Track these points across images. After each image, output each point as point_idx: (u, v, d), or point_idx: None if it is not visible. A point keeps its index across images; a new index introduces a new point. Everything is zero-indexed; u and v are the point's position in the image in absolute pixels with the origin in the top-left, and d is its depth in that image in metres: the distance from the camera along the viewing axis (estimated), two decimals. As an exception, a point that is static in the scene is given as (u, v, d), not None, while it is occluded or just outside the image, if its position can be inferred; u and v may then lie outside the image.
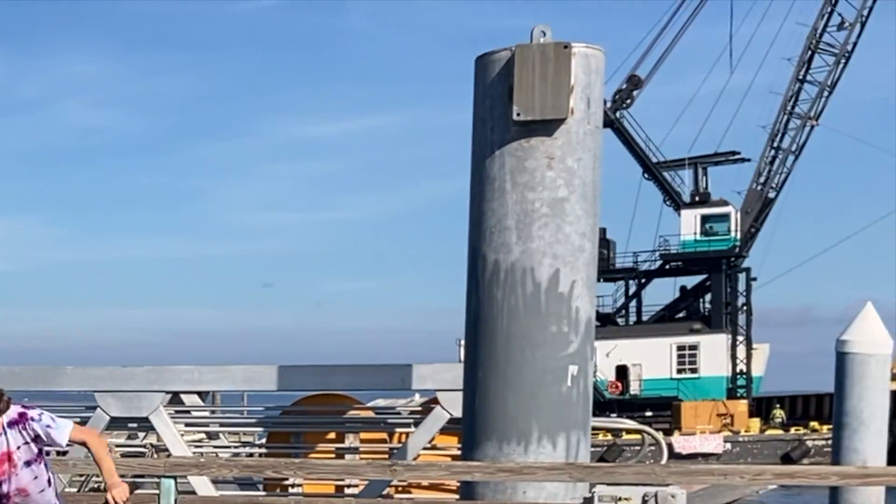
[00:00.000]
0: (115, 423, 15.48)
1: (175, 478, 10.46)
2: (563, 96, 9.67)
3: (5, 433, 7.02)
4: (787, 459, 59.03)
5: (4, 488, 7.06)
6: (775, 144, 78.78)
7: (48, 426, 7.17)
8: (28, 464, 7.11)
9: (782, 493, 35.23)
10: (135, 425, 16.49)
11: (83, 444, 7.71)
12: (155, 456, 16.49)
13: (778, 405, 78.97)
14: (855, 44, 79.31)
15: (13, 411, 7.09)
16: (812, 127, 78.81)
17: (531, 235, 9.87)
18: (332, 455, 15.68)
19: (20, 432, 7.07)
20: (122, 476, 15.73)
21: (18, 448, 7.04)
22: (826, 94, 79.10)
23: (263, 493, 15.01)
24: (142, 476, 15.13)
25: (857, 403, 12.51)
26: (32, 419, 7.10)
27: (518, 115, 9.74)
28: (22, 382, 16.27)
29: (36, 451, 7.18)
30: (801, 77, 78.90)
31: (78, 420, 16.09)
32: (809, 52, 78.69)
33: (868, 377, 12.55)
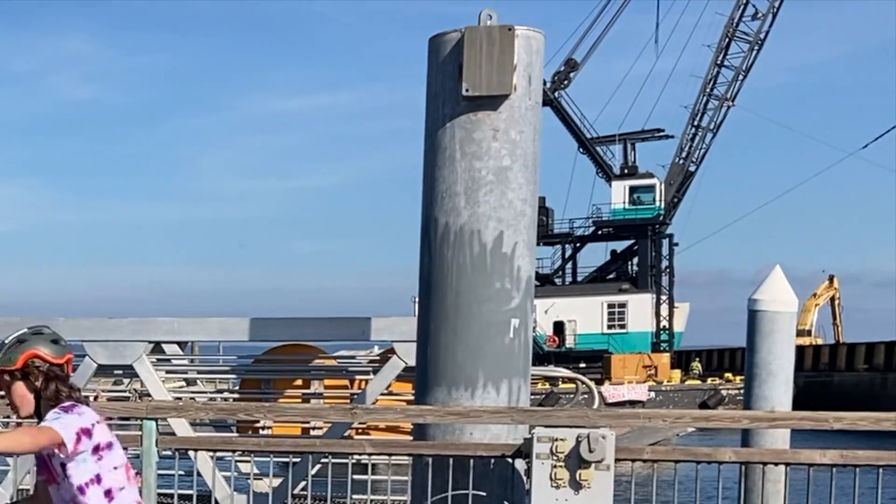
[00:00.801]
0: (102, 370, 15.47)
1: (156, 420, 10.42)
2: (507, 74, 9.67)
3: None
4: (704, 406, 59.95)
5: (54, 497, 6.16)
6: (695, 123, 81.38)
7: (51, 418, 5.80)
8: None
9: (699, 436, 35.50)
10: (120, 372, 16.51)
11: None
12: (138, 400, 16.55)
13: (696, 358, 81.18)
14: (767, 32, 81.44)
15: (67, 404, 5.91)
16: (728, 107, 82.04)
17: (478, 200, 9.87)
18: (299, 400, 15.74)
19: None
20: (109, 418, 15.87)
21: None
22: (741, 77, 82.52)
23: (236, 434, 15.05)
24: (126, 418, 15.15)
25: (767, 356, 12.64)
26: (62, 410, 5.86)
27: (467, 90, 9.72)
28: (13, 331, 16.30)
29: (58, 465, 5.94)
30: (719, 62, 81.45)
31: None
32: (727, 40, 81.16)
33: (776, 332, 12.68)
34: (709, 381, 74.32)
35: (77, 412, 5.79)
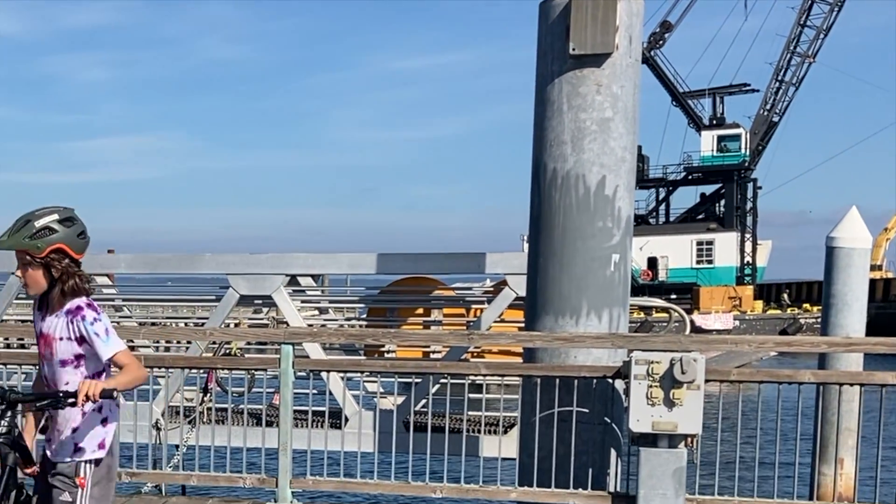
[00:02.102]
0: (244, 301, 15.64)
1: (293, 344, 10.56)
2: (610, 34, 9.79)
3: (59, 318, 5.78)
4: (783, 334, 59.22)
5: (45, 370, 5.93)
6: (779, 78, 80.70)
7: (96, 334, 5.68)
8: (63, 363, 5.80)
9: (779, 360, 35.17)
10: (260, 302, 16.81)
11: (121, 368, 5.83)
12: (276, 327, 16.95)
13: (786, 290, 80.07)
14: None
15: (79, 301, 5.80)
16: (810, 64, 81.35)
17: (583, 148, 10.03)
18: (421, 327, 15.95)
19: (68, 325, 5.74)
20: (248, 344, 16.22)
21: (60, 339, 5.76)
22: (822, 36, 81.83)
23: (364, 357, 15.36)
24: (265, 343, 15.50)
25: (843, 288, 12.64)
26: (83, 318, 5.72)
27: (573, 49, 9.86)
28: (169, 267, 16.68)
29: (73, 354, 5.79)
30: (802, 22, 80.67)
31: (212, 298, 16.59)
32: (809, 2, 79.98)
33: (851, 267, 12.67)
34: (788, 311, 73.94)
35: (104, 313, 5.86)
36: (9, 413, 5.62)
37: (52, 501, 5.81)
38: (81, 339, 5.69)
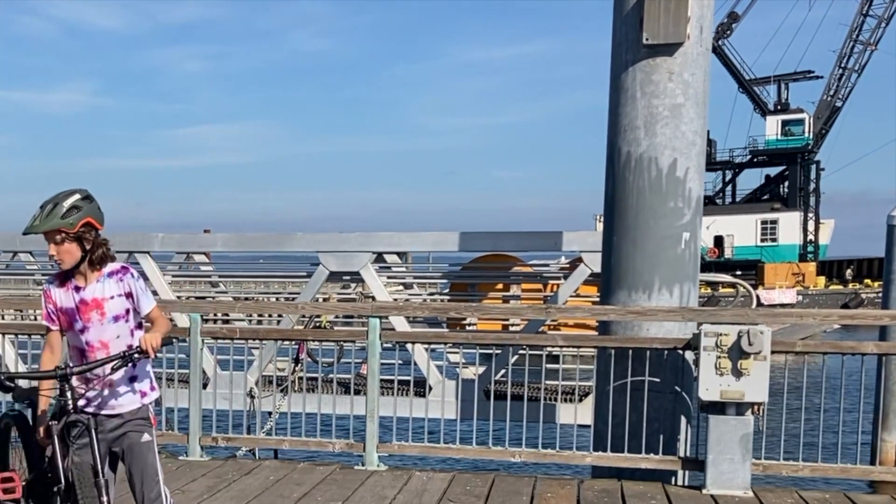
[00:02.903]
0: (333, 277, 15.75)
1: (380, 317, 10.58)
2: (681, 25, 9.83)
3: (103, 282, 5.95)
4: (845, 308, 58.57)
5: (88, 336, 5.98)
6: (842, 65, 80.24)
7: (141, 289, 5.99)
8: (116, 319, 5.96)
9: (840, 333, 34.80)
10: (348, 278, 16.90)
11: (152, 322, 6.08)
12: (364, 301, 17.09)
13: (850, 266, 79.38)
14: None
15: (117, 265, 6.05)
16: (872, 51, 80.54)
17: (655, 132, 10.08)
18: (500, 301, 16.05)
19: (117, 283, 5.96)
20: (337, 317, 16.37)
21: (112, 298, 5.94)
22: (884, 25, 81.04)
23: (447, 329, 15.45)
24: (353, 316, 15.68)
25: None
26: (132, 275, 6.01)
27: (647, 39, 9.91)
28: (262, 245, 16.92)
29: (125, 309, 5.98)
30: (864, 12, 79.95)
31: (303, 274, 16.76)
32: None
33: (912, 244, 12.60)
34: (850, 286, 73.39)
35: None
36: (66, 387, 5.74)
37: (133, 446, 5.96)
38: (129, 295, 5.95)
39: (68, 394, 5.71)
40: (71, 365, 5.86)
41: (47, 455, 5.73)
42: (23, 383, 6.13)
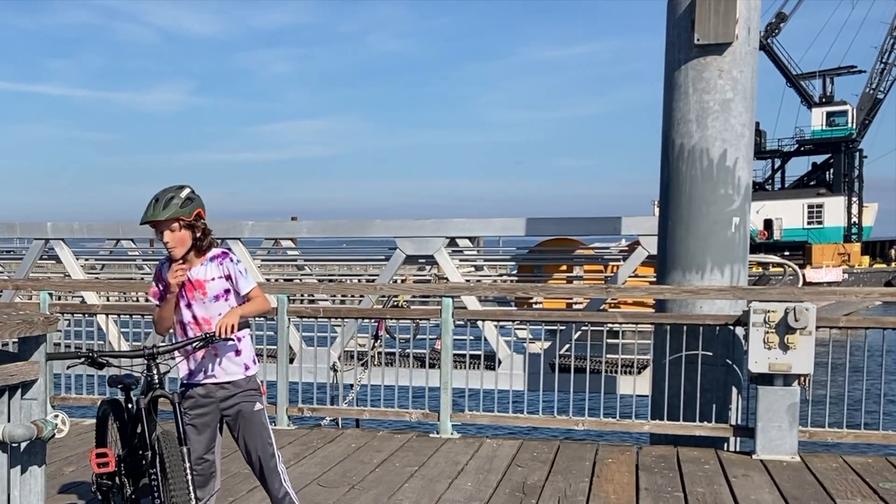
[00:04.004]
0: (409, 260, 15.90)
1: (452, 297, 10.65)
2: (730, 26, 9.84)
3: (206, 265, 6.06)
4: (888, 286, 57.89)
5: (192, 314, 6.11)
6: (884, 60, 79.95)
7: (240, 272, 6.10)
8: (216, 298, 6.06)
9: (884, 309, 34.35)
10: (423, 261, 17.05)
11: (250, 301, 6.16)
12: (438, 282, 17.21)
13: (893, 247, 78.84)
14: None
15: (219, 250, 6.18)
16: None
17: (707, 125, 10.10)
18: (564, 281, 16.10)
19: (217, 266, 6.07)
20: (413, 297, 16.49)
21: (213, 280, 6.06)
22: None
23: (515, 308, 15.53)
24: (428, 296, 15.77)
25: None
26: (231, 259, 6.12)
27: (698, 39, 9.94)
28: (344, 231, 17.08)
29: (224, 289, 6.10)
30: None
31: (382, 257, 16.92)
32: None
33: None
34: (893, 264, 72.74)
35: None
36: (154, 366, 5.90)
37: (246, 415, 6.08)
38: (228, 277, 6.08)
39: (154, 371, 5.84)
40: (159, 345, 5.99)
41: (138, 431, 5.85)
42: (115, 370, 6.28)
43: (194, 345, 5.93)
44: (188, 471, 5.50)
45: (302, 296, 16.77)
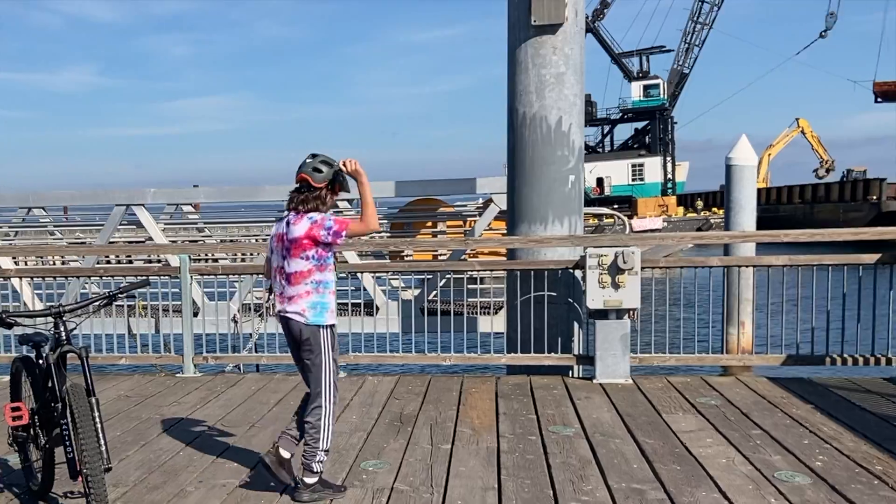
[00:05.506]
0: None
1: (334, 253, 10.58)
2: (561, 9, 9.81)
3: (297, 223, 5.67)
4: (699, 230, 59.83)
5: (288, 267, 5.72)
6: (687, 41, 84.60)
7: (329, 227, 5.62)
8: (305, 258, 5.65)
9: (695, 251, 35.24)
10: None
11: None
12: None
13: (699, 199, 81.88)
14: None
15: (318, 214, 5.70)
16: (709, 30, 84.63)
17: (545, 96, 10.06)
18: (430, 236, 16.08)
19: (308, 224, 5.63)
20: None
21: (300, 237, 5.64)
22: (716, 9, 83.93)
23: (389, 260, 15.44)
24: None
25: (738, 195, 12.73)
26: (317, 220, 5.66)
27: (535, 21, 9.90)
28: (239, 196, 16.61)
29: (314, 249, 5.66)
30: None
31: (273, 218, 16.59)
32: None
33: (743, 180, 12.74)
34: (702, 213, 75.17)
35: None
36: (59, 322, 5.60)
37: (306, 351, 5.84)
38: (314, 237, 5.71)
39: (61, 328, 5.56)
40: (64, 304, 5.72)
41: (49, 386, 5.62)
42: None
43: (98, 303, 5.69)
44: (97, 420, 5.25)
45: (207, 256, 16.42)
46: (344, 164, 5.73)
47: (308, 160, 5.77)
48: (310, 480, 5.84)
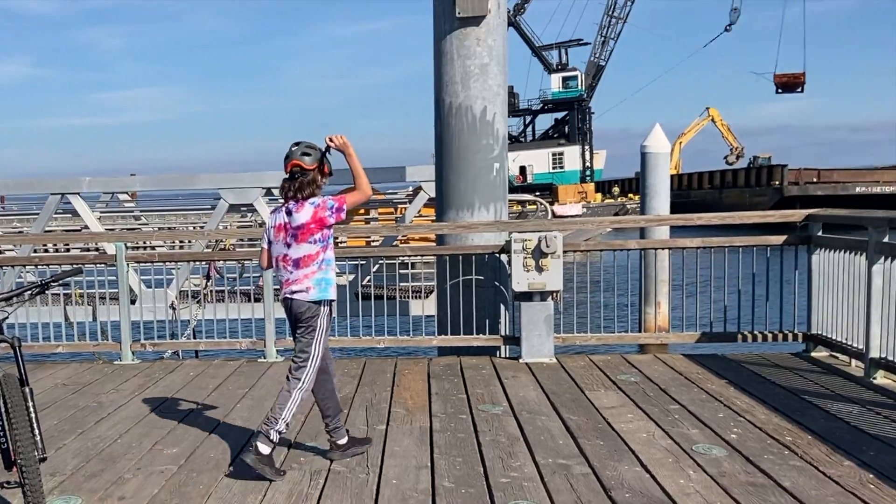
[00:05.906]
0: (232, 208, 15.42)
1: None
2: (484, 1, 9.78)
3: (299, 210, 5.75)
4: (616, 215, 60.78)
5: (295, 253, 5.78)
6: (603, 34, 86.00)
7: (332, 206, 5.76)
8: (313, 242, 5.74)
9: (614, 234, 35.66)
10: (245, 209, 16.69)
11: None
12: (258, 226, 16.85)
13: (616, 185, 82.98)
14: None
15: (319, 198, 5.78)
16: (623, 24, 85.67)
17: (470, 86, 10.02)
18: (363, 222, 16.04)
19: (312, 210, 5.73)
20: (238, 240, 16.05)
21: (305, 223, 5.74)
22: (630, 3, 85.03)
23: None
24: (255, 239, 15.39)
25: (653, 181, 12.93)
26: (319, 204, 5.77)
27: (459, 13, 9.85)
28: (174, 184, 16.35)
29: (320, 233, 5.78)
30: None
31: (209, 207, 16.40)
32: None
33: (657, 167, 12.96)
34: (619, 199, 76.15)
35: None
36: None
37: (303, 330, 5.88)
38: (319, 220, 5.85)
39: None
40: (2, 292, 5.52)
41: None
42: None
43: (29, 293, 5.45)
44: (31, 409, 5.09)
45: (145, 244, 16.15)
46: (331, 140, 5.81)
47: (294, 148, 5.82)
48: (264, 449, 5.77)
